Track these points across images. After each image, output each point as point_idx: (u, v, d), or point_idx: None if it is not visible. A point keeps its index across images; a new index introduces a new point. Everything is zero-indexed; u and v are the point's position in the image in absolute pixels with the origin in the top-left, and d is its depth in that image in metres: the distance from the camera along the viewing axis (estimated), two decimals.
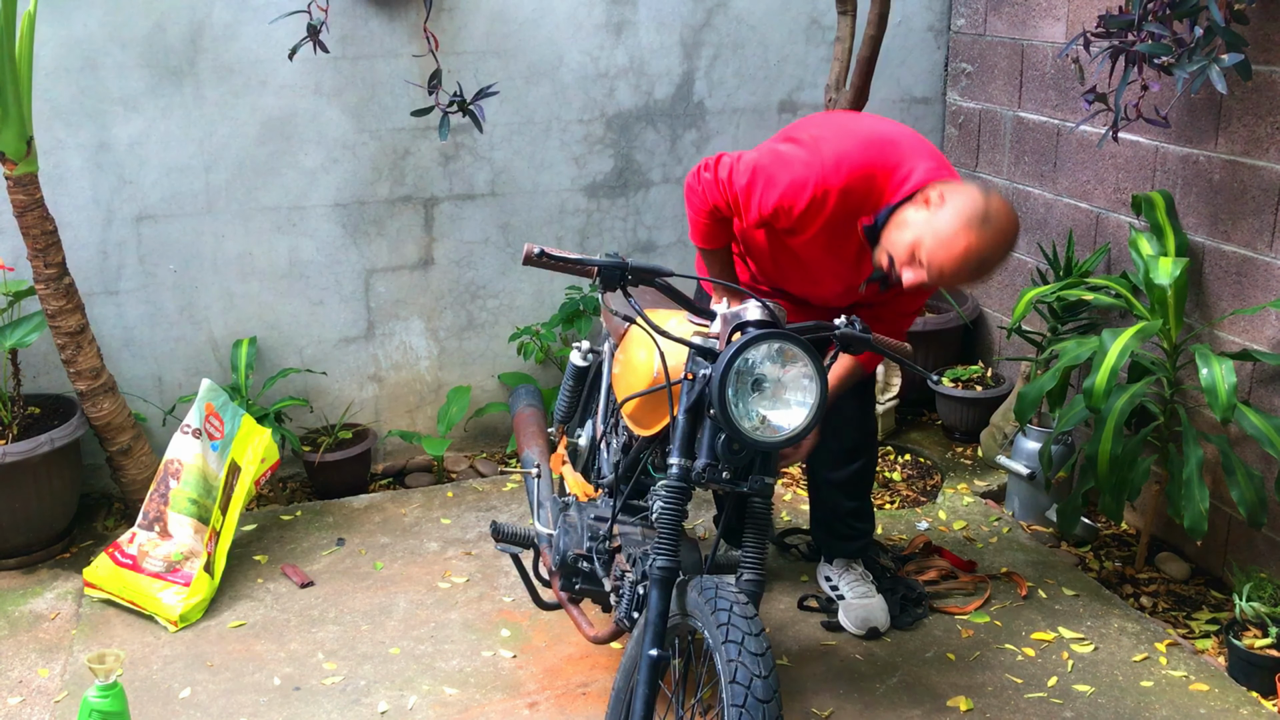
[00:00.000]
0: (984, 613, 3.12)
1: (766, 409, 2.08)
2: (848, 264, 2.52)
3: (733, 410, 2.04)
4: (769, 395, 2.08)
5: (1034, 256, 3.92)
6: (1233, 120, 3.08)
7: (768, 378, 2.08)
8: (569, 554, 2.51)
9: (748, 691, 1.91)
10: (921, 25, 4.25)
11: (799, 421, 2.08)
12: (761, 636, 1.97)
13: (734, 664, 1.93)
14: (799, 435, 2.08)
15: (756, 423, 2.07)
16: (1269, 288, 3.04)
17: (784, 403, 2.09)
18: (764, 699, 1.91)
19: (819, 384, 2.07)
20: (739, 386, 2.06)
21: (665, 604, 2.12)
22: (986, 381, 4.11)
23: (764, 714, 1.90)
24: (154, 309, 3.68)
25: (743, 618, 1.99)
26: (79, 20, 3.39)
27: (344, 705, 2.75)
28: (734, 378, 2.04)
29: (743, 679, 1.92)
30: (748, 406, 2.07)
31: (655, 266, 2.14)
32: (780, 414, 2.09)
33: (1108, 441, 2.93)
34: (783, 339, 2.06)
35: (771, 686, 1.93)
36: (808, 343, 2.08)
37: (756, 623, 1.99)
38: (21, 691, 2.82)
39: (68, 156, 3.48)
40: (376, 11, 3.63)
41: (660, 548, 2.14)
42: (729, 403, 2.04)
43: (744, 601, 2.03)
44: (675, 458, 2.16)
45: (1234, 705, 2.73)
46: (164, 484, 3.21)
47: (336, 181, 3.74)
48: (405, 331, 3.96)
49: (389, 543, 3.50)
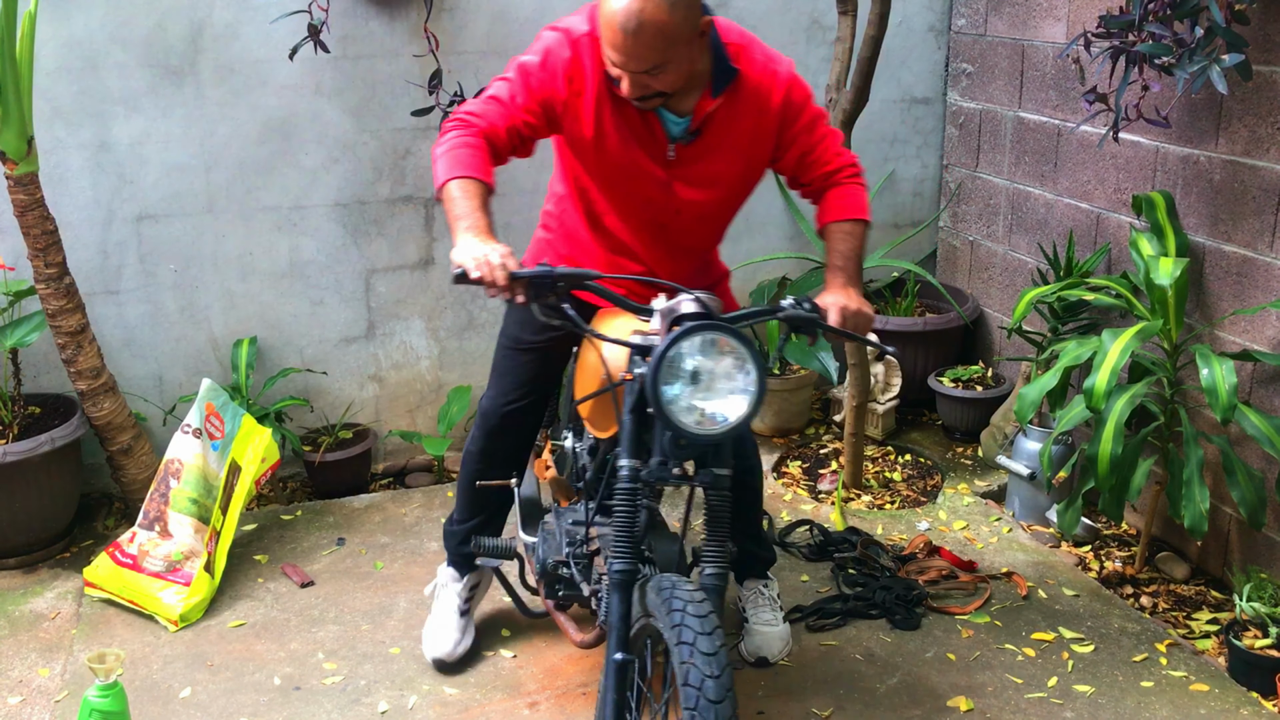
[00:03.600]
0: (984, 613, 3.12)
1: (704, 401, 2.05)
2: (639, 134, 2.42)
3: (668, 406, 2.02)
4: (705, 387, 2.05)
5: (1034, 257, 3.92)
6: (1233, 120, 3.08)
7: (702, 370, 2.04)
8: (548, 561, 2.48)
9: (699, 693, 1.88)
10: (922, 25, 4.25)
11: (739, 411, 2.05)
12: (715, 635, 1.94)
13: (686, 665, 1.90)
14: (740, 425, 2.05)
15: (697, 416, 2.04)
16: (1269, 288, 3.04)
17: (722, 393, 2.05)
18: (715, 699, 1.88)
19: (756, 369, 2.04)
20: (674, 381, 2.03)
21: (626, 606, 2.10)
22: (987, 381, 4.11)
23: (715, 715, 1.87)
24: (154, 309, 3.68)
25: (695, 617, 1.95)
26: (80, 20, 3.39)
27: (344, 705, 2.75)
28: (667, 373, 2.02)
29: (694, 680, 1.89)
30: (686, 401, 2.04)
31: (584, 271, 2.12)
32: (719, 404, 2.05)
33: (1108, 442, 2.93)
34: (712, 329, 2.03)
35: (724, 686, 1.89)
36: (737, 330, 2.05)
37: (710, 621, 1.96)
38: (22, 691, 2.82)
39: (68, 156, 3.48)
40: (377, 11, 3.63)
41: (617, 551, 2.12)
42: (663, 399, 2.02)
43: (699, 599, 1.99)
44: (624, 459, 2.15)
45: (1234, 705, 2.73)
46: (164, 484, 3.22)
47: (337, 181, 3.75)
48: (406, 331, 3.96)
49: (389, 542, 3.50)
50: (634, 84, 2.25)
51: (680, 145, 2.43)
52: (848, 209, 2.48)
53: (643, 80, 2.24)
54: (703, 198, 2.51)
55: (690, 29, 2.20)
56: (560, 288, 2.12)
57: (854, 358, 3.65)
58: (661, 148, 2.43)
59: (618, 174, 2.47)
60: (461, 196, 2.23)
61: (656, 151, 2.43)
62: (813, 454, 4.09)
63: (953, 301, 4.21)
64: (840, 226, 2.47)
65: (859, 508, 3.72)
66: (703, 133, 2.42)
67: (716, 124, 2.42)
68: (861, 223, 2.49)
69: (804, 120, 2.47)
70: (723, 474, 2.16)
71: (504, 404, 2.75)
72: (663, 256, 2.60)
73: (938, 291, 4.25)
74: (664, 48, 2.18)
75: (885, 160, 4.37)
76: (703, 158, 2.46)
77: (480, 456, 2.81)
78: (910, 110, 4.34)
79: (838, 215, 2.48)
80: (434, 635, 2.90)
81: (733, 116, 2.42)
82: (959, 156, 4.32)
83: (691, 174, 2.47)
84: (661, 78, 2.24)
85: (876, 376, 4.09)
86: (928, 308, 4.35)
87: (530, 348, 2.70)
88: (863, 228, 2.49)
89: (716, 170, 2.48)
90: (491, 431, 2.79)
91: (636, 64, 2.20)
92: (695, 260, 2.69)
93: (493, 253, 2.09)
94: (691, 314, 2.09)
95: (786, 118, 2.45)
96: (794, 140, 2.48)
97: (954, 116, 4.32)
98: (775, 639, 2.89)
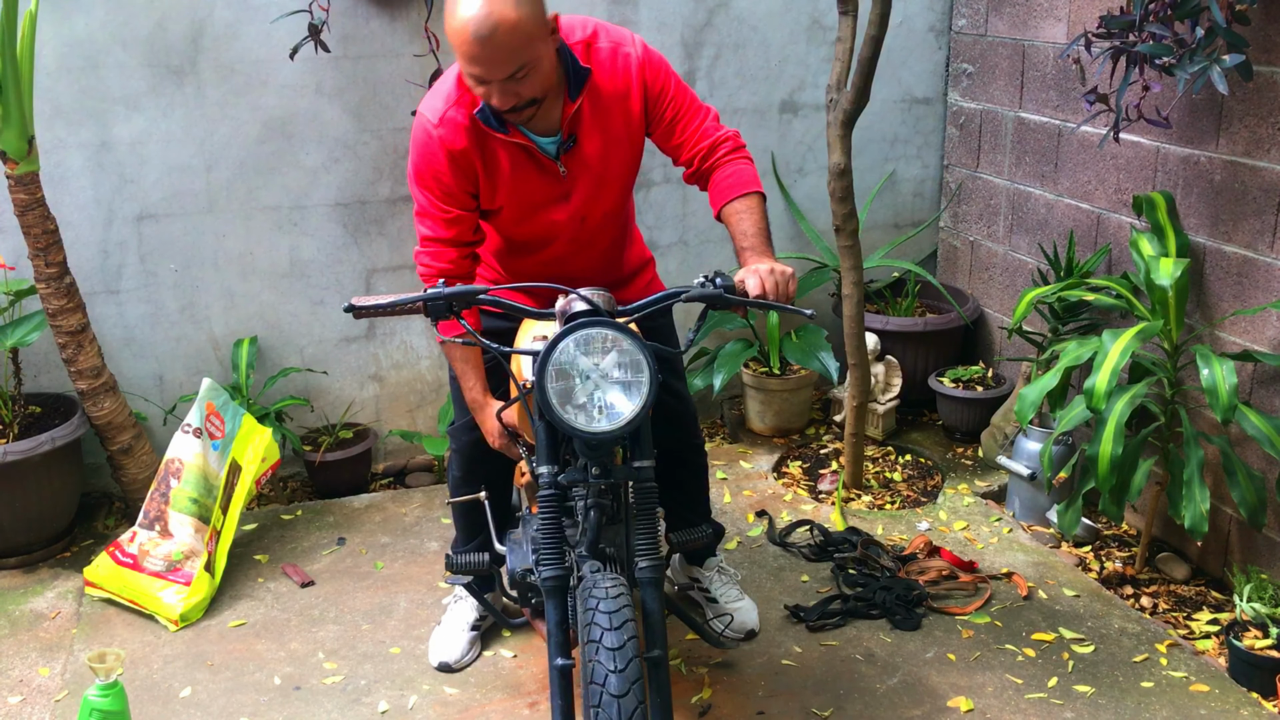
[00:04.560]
0: (984, 613, 3.12)
1: (598, 399, 2.03)
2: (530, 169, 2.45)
3: (557, 410, 2.01)
4: (594, 385, 2.03)
5: (1035, 257, 3.92)
6: (1234, 121, 3.07)
7: (589, 369, 2.02)
8: (517, 571, 2.45)
9: (602, 689, 1.86)
10: (923, 26, 4.25)
11: (631, 405, 2.03)
12: (623, 629, 1.91)
13: (590, 663, 1.89)
14: (637, 418, 2.03)
15: (593, 414, 2.03)
16: (1270, 288, 3.04)
17: (613, 388, 2.04)
18: (618, 693, 1.85)
19: (644, 360, 2.02)
20: (562, 384, 2.01)
21: (561, 612, 2.09)
22: (987, 382, 4.11)
23: (618, 709, 1.84)
24: (155, 308, 3.68)
25: (605, 613, 1.93)
26: (80, 20, 3.39)
27: (344, 705, 2.76)
28: (552, 377, 2.01)
29: (598, 677, 1.87)
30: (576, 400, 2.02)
31: (475, 288, 2.13)
32: (612, 398, 2.03)
33: (1108, 442, 2.93)
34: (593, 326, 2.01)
35: (629, 678, 1.86)
36: (618, 323, 2.03)
37: (620, 615, 1.93)
38: (22, 690, 2.82)
39: (69, 156, 3.48)
40: (378, 11, 3.63)
41: (545, 558, 2.11)
42: (552, 403, 2.00)
43: (615, 594, 1.97)
44: (541, 466, 2.14)
45: (1234, 706, 2.73)
46: (165, 483, 3.22)
47: (337, 181, 3.75)
48: (406, 331, 3.96)
49: (390, 542, 3.50)
50: (503, 94, 2.22)
51: (565, 157, 2.45)
52: (737, 185, 2.46)
53: (511, 89, 2.21)
54: (601, 197, 2.54)
55: (541, 24, 2.20)
56: (455, 307, 2.13)
57: (854, 358, 3.65)
58: (552, 169, 2.45)
59: (525, 215, 2.51)
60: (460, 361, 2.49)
61: (549, 176, 2.46)
62: (813, 454, 4.09)
63: (953, 302, 4.21)
64: (734, 206, 2.44)
65: (859, 508, 3.72)
66: (577, 137, 2.44)
67: (585, 124, 2.44)
68: (755, 195, 2.46)
69: (668, 99, 2.48)
70: (643, 466, 2.14)
71: (466, 429, 2.77)
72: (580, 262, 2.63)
73: (938, 292, 4.25)
74: (521, 46, 2.16)
75: (886, 160, 4.37)
76: (588, 160, 2.48)
77: (460, 481, 2.84)
78: (911, 110, 4.34)
79: (730, 194, 2.46)
80: (442, 643, 2.91)
81: (599, 112, 2.44)
82: (959, 157, 4.32)
83: (585, 180, 2.50)
84: (527, 82, 2.21)
85: (877, 376, 4.09)
86: (928, 308, 4.35)
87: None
88: (758, 200, 2.45)
89: (603, 167, 2.50)
90: (463, 456, 2.81)
91: (500, 70, 2.18)
92: (611, 252, 2.71)
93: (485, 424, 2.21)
94: (579, 312, 2.08)
95: (649, 95, 2.47)
96: (664, 122, 2.50)
97: (954, 117, 4.32)
98: (751, 610, 3.01)
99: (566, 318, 2.10)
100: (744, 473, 3.94)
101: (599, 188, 2.52)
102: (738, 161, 2.51)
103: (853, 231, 3.52)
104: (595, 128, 2.44)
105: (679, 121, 2.50)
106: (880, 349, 4.10)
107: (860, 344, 3.63)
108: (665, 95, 2.47)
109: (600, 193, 2.53)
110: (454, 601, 3.00)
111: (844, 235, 3.53)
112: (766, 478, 3.90)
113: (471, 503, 2.81)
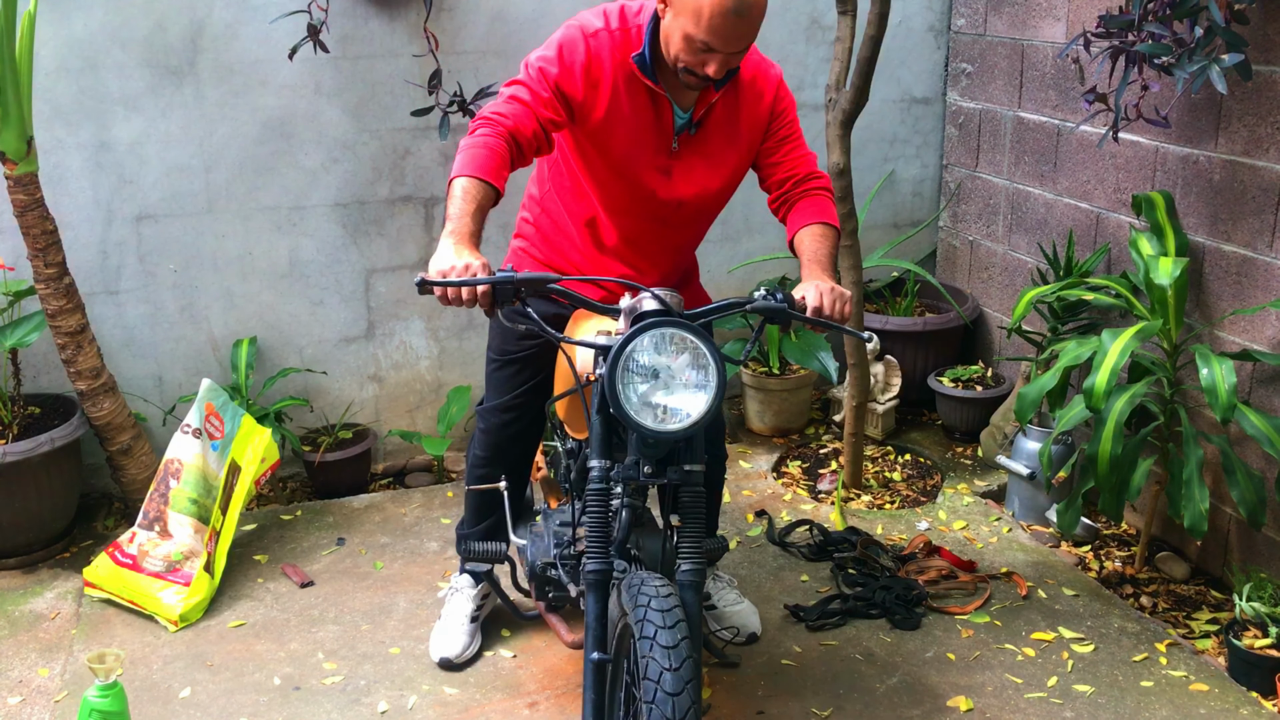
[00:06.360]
0: (984, 613, 3.12)
1: (664, 399, 2.05)
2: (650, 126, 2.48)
3: (626, 406, 2.02)
4: (663, 385, 2.05)
5: (1034, 256, 3.92)
6: (1233, 120, 3.08)
7: (661, 368, 2.04)
8: (537, 564, 2.48)
9: (657, 686, 1.87)
10: (922, 25, 4.25)
11: (699, 408, 2.05)
12: (677, 628, 1.92)
13: (645, 659, 1.90)
14: (702, 421, 2.05)
15: (659, 413, 2.04)
16: (1269, 288, 3.04)
17: (682, 389, 2.05)
18: (673, 692, 1.86)
19: (714, 364, 2.04)
20: (632, 381, 2.03)
21: (601, 607, 2.10)
22: (986, 381, 4.11)
23: (673, 707, 1.85)
24: (154, 309, 3.68)
25: (658, 611, 1.94)
26: (79, 20, 3.39)
27: (344, 705, 2.76)
28: (623, 373, 2.02)
29: (653, 674, 1.88)
30: (645, 399, 2.04)
31: (544, 275, 2.13)
32: (679, 400, 2.05)
33: (1108, 441, 2.93)
34: (667, 326, 2.02)
35: (683, 678, 1.88)
36: (694, 326, 2.05)
37: (673, 615, 1.94)
38: (21, 691, 2.82)
39: (68, 156, 3.48)
40: (377, 11, 3.63)
41: (590, 551, 2.12)
42: (621, 399, 2.02)
43: (665, 594, 1.98)
44: (594, 460, 2.15)
45: (1234, 705, 2.73)
46: (164, 484, 3.22)
47: (337, 181, 3.75)
48: (405, 331, 3.96)
49: (389, 542, 3.50)
50: (723, 64, 2.30)
51: (684, 137, 2.50)
52: (818, 214, 2.53)
53: (731, 62, 2.32)
54: (702, 189, 2.57)
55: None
56: (522, 293, 2.12)
57: (854, 357, 3.65)
58: (667, 139, 2.49)
59: (622, 167, 2.51)
60: (460, 197, 2.24)
61: (662, 143, 2.50)
62: (813, 454, 4.09)
63: (952, 301, 4.21)
64: (811, 230, 2.50)
65: (859, 508, 3.72)
66: (704, 124, 2.50)
67: (716, 116, 2.51)
68: (832, 228, 2.53)
69: (787, 120, 2.59)
70: (694, 470, 2.15)
71: (499, 411, 2.78)
72: (650, 256, 2.64)
73: (937, 291, 4.25)
74: (759, 25, 2.31)
75: (885, 160, 4.37)
76: (703, 149, 2.53)
77: (482, 462, 2.83)
78: (910, 110, 4.34)
79: (809, 220, 2.52)
80: (443, 637, 2.91)
81: (730, 110, 2.52)
82: (959, 156, 4.32)
83: (692, 165, 2.54)
84: (740, 58, 2.34)
85: (876, 376, 4.09)
86: (927, 307, 4.35)
87: (514, 358, 2.72)
88: (834, 233, 2.53)
89: (715, 161, 2.55)
90: (491, 438, 2.81)
91: (738, 44, 2.29)
92: (681, 258, 2.74)
93: (460, 264, 2.10)
94: (651, 311, 2.09)
95: (774, 114, 2.57)
96: (776, 138, 2.59)
97: (954, 116, 4.32)
98: (751, 613, 3.01)
99: (636, 316, 2.10)
100: (744, 472, 3.94)
101: (702, 180, 2.56)
102: (823, 197, 2.58)
103: (852, 231, 3.52)
104: (723, 122, 2.52)
105: (787, 143, 2.59)
106: (880, 349, 4.10)
107: (860, 344, 3.64)
108: (787, 116, 2.59)
109: (701, 186, 2.57)
110: (451, 593, 3.00)
111: (843, 235, 3.52)
112: (766, 477, 3.90)
113: (490, 490, 2.81)
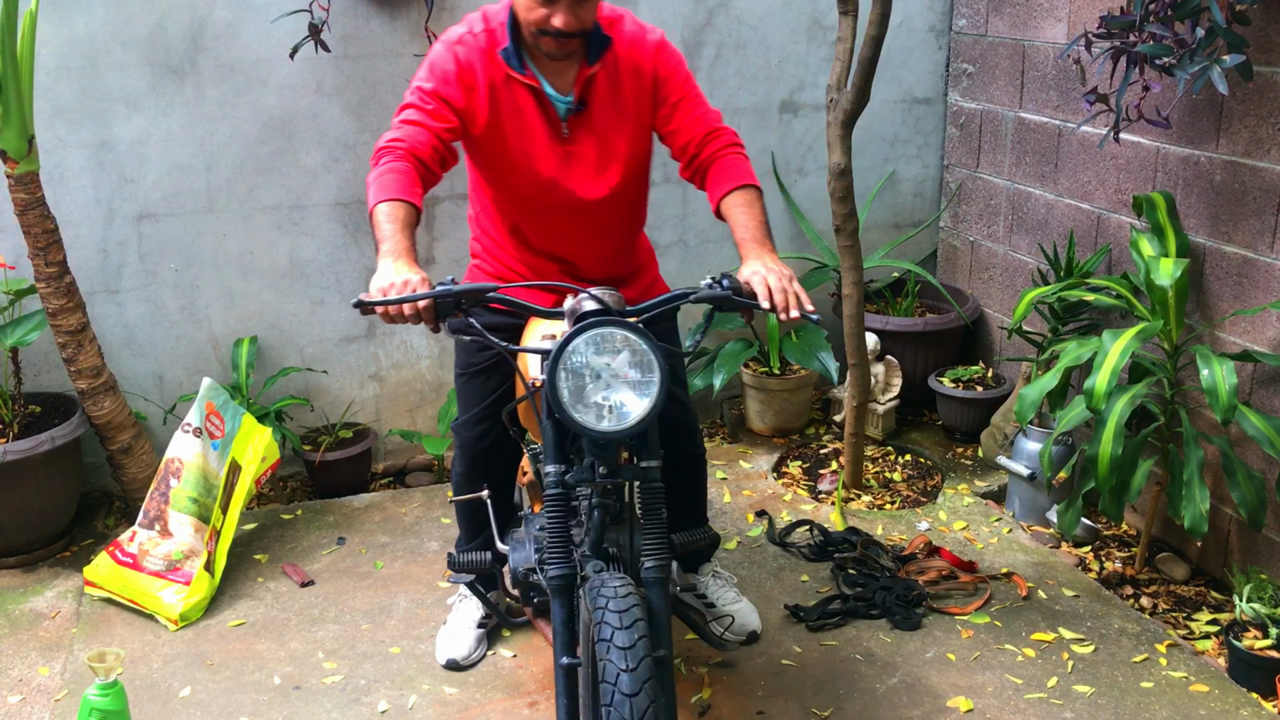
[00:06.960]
0: (984, 613, 3.12)
1: (608, 398, 2.04)
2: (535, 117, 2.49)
3: (570, 410, 2.02)
4: (605, 384, 2.04)
5: (1035, 257, 3.92)
6: (1234, 121, 3.08)
7: (601, 368, 2.03)
8: (519, 569, 2.45)
9: (614, 688, 1.85)
10: (923, 26, 4.25)
11: (643, 406, 2.04)
12: (634, 628, 1.91)
13: (603, 661, 1.88)
14: (648, 419, 2.04)
15: (603, 414, 2.04)
16: (1270, 289, 3.04)
17: (624, 388, 2.04)
18: (629, 693, 1.85)
19: (655, 362, 2.03)
20: (574, 383, 2.02)
21: (567, 611, 2.09)
22: (987, 382, 4.11)
23: (630, 708, 1.84)
24: (155, 308, 3.68)
25: (615, 612, 1.93)
26: (80, 19, 3.39)
27: (344, 704, 2.76)
28: (565, 376, 2.02)
29: (609, 676, 1.87)
30: (588, 399, 2.03)
31: (484, 285, 2.14)
32: (623, 398, 2.04)
33: (1108, 442, 2.93)
34: (605, 326, 2.02)
35: (639, 678, 1.86)
36: (633, 323, 2.04)
37: (630, 614, 1.93)
38: (22, 690, 2.82)
39: (69, 155, 3.48)
40: (378, 11, 3.63)
41: (551, 556, 2.12)
42: (565, 403, 2.01)
43: (624, 594, 1.97)
44: (547, 464, 2.15)
45: (1234, 706, 2.73)
46: (164, 483, 3.22)
47: (337, 181, 3.75)
48: (406, 331, 3.96)
49: (389, 542, 3.50)
50: (568, 14, 2.33)
51: (572, 120, 2.52)
52: (734, 178, 2.48)
53: (575, 11, 2.34)
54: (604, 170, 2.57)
55: None
56: (464, 305, 2.13)
57: (854, 358, 3.65)
58: (556, 126, 2.52)
59: (520, 165, 2.54)
60: (385, 220, 2.30)
61: (552, 132, 2.52)
62: (813, 454, 4.09)
63: (953, 302, 4.21)
64: (733, 199, 2.46)
65: (859, 508, 3.72)
66: (587, 102, 2.52)
67: (599, 94, 2.52)
68: (754, 189, 2.48)
69: (677, 83, 2.58)
70: (650, 466, 2.15)
71: (471, 424, 2.78)
72: (581, 248, 2.66)
73: (938, 292, 4.25)
74: None
75: (886, 160, 4.37)
76: (593, 129, 2.54)
77: (464, 478, 2.84)
78: (911, 110, 4.34)
79: (727, 186, 2.48)
80: (450, 640, 2.91)
81: (612, 83, 2.53)
82: (959, 157, 4.32)
83: (587, 147, 2.55)
84: (587, 8, 2.36)
85: (876, 376, 4.09)
86: (928, 308, 4.35)
87: (479, 369, 2.74)
88: (756, 193, 2.48)
89: (609, 139, 2.56)
90: (467, 453, 2.82)
91: None
92: (616, 240, 2.72)
93: (400, 280, 2.13)
94: (590, 312, 2.08)
95: (659, 80, 2.56)
96: (669, 104, 2.57)
97: (955, 117, 4.32)
98: (750, 612, 3.01)
99: (576, 317, 2.10)
100: (744, 473, 3.94)
101: (602, 160, 2.56)
102: (734, 156, 2.54)
103: (853, 231, 3.52)
104: (606, 99, 2.52)
105: (681, 107, 2.57)
106: (880, 349, 4.10)
107: (860, 344, 3.64)
108: (674, 79, 2.57)
109: (604, 167, 2.57)
110: (459, 600, 3.01)
111: (844, 235, 3.53)
112: (766, 478, 3.91)
113: (474, 501, 2.81)
